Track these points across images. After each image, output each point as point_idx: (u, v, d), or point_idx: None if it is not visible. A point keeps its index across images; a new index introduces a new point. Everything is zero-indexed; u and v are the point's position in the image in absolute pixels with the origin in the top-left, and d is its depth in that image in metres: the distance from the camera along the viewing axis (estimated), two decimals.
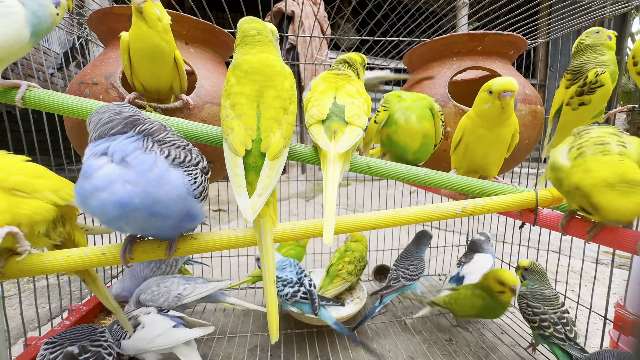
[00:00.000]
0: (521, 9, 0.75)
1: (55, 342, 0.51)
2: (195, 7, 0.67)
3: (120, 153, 0.31)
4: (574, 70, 0.55)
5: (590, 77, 0.53)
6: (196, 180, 0.35)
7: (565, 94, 0.57)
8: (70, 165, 0.90)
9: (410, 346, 0.77)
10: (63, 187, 0.41)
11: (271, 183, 0.37)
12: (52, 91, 0.46)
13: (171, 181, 0.32)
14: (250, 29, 0.43)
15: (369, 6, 0.75)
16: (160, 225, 0.34)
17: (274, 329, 0.37)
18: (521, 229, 0.62)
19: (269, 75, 0.41)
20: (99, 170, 0.31)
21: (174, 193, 0.32)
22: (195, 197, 0.35)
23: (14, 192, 0.36)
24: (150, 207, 0.31)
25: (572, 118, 0.57)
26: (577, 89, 0.54)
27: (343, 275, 0.84)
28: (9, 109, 0.65)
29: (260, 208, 0.35)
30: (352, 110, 0.45)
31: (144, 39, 0.47)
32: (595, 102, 0.54)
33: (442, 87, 0.65)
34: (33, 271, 0.38)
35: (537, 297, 0.64)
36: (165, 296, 0.69)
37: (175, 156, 0.34)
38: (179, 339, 0.58)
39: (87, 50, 0.94)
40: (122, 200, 0.30)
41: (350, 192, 2.13)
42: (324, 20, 2.20)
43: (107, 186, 0.30)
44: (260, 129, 0.38)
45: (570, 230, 0.46)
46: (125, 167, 0.31)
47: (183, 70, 0.52)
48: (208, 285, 0.71)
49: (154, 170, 0.31)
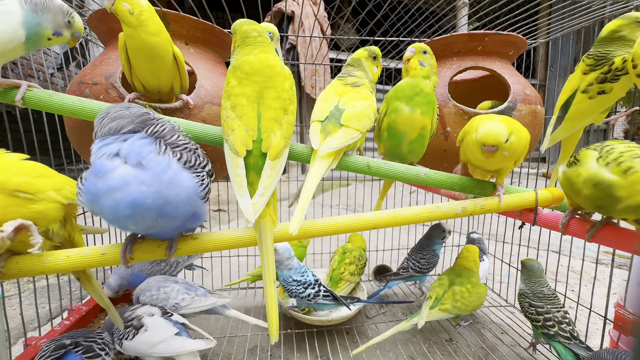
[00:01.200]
0: (521, 9, 0.75)
1: (56, 340, 0.53)
2: (195, 7, 0.67)
3: (137, 156, 0.32)
4: (598, 56, 0.50)
5: (617, 64, 0.48)
6: (203, 183, 0.36)
7: (581, 80, 0.52)
8: (70, 165, 0.90)
9: (410, 346, 0.77)
10: (65, 186, 0.41)
11: (272, 183, 0.37)
12: (52, 91, 0.46)
13: (182, 183, 0.33)
14: (251, 30, 0.44)
15: (369, 6, 0.75)
16: (166, 226, 0.35)
17: (273, 330, 0.38)
18: (521, 229, 0.62)
19: (269, 76, 0.41)
20: (114, 171, 0.31)
21: (184, 194, 0.33)
22: (201, 199, 0.36)
23: (17, 193, 0.36)
24: (161, 208, 0.32)
25: (586, 107, 0.53)
26: (600, 75, 0.50)
27: (347, 277, 0.84)
28: (9, 109, 0.65)
29: (262, 208, 0.36)
30: (351, 113, 0.47)
31: (132, 38, 0.46)
32: (617, 91, 0.50)
33: (442, 87, 0.65)
34: (33, 271, 0.38)
35: (538, 295, 0.64)
36: (162, 303, 0.69)
37: (186, 159, 0.35)
38: (179, 350, 0.59)
39: (87, 50, 0.94)
40: (137, 200, 0.30)
41: (350, 192, 2.13)
42: (324, 20, 2.20)
43: (123, 187, 0.30)
44: (261, 130, 0.39)
45: (570, 230, 0.46)
46: (141, 169, 0.31)
47: (184, 67, 0.52)
48: (207, 300, 0.71)
49: (168, 172, 0.32)
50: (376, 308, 0.95)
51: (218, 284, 1.05)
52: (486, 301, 0.95)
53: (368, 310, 0.93)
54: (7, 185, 0.35)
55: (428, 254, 0.89)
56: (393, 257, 1.21)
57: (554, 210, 0.52)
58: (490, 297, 0.98)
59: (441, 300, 0.71)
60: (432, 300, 0.72)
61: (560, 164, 0.50)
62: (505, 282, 1.03)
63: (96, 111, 0.45)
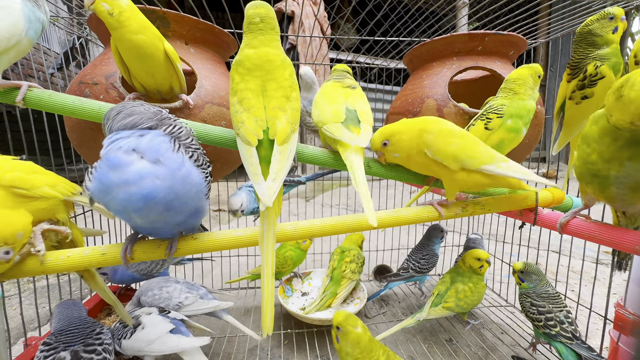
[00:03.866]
0: (521, 9, 0.75)
1: (50, 344, 0.51)
2: (195, 7, 0.67)
3: (155, 153, 0.33)
4: (573, 65, 0.55)
5: (590, 70, 0.52)
6: (207, 180, 0.38)
7: (567, 88, 0.57)
8: (70, 165, 0.90)
9: (410, 346, 0.77)
10: (59, 183, 0.42)
11: (283, 168, 0.38)
12: (52, 91, 0.46)
13: (193, 180, 0.35)
14: (254, 15, 0.43)
15: (369, 6, 0.75)
16: (169, 220, 0.36)
17: (267, 323, 0.36)
18: (521, 229, 0.62)
19: (269, 70, 0.42)
20: (131, 165, 0.32)
21: (193, 190, 0.35)
22: (205, 195, 0.38)
23: (12, 189, 0.36)
24: (171, 202, 0.33)
25: (576, 112, 0.57)
26: (578, 82, 0.54)
27: (348, 276, 0.85)
28: (9, 109, 0.65)
29: (277, 192, 0.36)
30: (363, 112, 0.49)
31: (117, 40, 0.46)
32: (599, 94, 0.53)
33: (442, 87, 0.65)
34: (34, 271, 0.38)
35: (542, 295, 0.64)
36: (166, 302, 0.69)
37: (196, 158, 0.37)
38: (173, 348, 0.58)
39: (87, 50, 0.94)
40: (150, 194, 0.32)
41: (350, 192, 2.13)
42: (324, 20, 2.20)
43: (138, 181, 0.31)
44: (267, 119, 0.40)
45: (570, 230, 0.46)
46: (158, 165, 0.33)
47: (177, 66, 0.51)
48: (210, 303, 0.71)
49: (182, 169, 0.34)
50: (376, 308, 0.95)
51: (218, 284, 1.06)
52: (486, 301, 0.95)
53: (368, 310, 0.93)
54: (2, 181, 0.36)
55: (427, 254, 0.90)
56: (393, 257, 1.21)
57: (554, 210, 0.52)
58: (490, 297, 0.98)
59: (444, 298, 0.72)
60: (434, 297, 0.74)
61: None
62: (505, 282, 1.03)
63: (96, 111, 0.45)
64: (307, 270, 1.00)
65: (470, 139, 0.44)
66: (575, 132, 0.60)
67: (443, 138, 0.44)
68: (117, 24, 0.44)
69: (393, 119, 0.69)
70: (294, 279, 0.96)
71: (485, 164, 0.42)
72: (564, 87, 0.58)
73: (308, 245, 0.92)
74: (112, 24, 0.44)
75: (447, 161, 0.43)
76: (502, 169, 0.42)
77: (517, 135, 0.53)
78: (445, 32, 0.91)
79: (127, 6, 0.44)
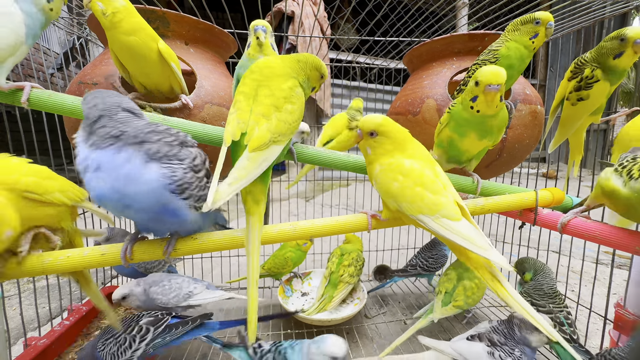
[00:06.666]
0: (521, 9, 0.75)
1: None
2: (195, 7, 0.67)
3: (95, 162, 0.34)
4: (577, 65, 0.56)
5: (586, 73, 0.54)
6: (174, 176, 0.34)
7: (566, 87, 0.58)
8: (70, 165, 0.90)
9: (411, 346, 0.77)
10: (69, 188, 0.42)
11: (247, 175, 0.36)
12: (52, 91, 0.46)
13: (142, 176, 0.33)
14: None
15: (369, 6, 0.75)
16: (142, 217, 0.36)
17: (252, 329, 0.39)
18: (521, 229, 0.62)
19: (267, 76, 0.42)
20: (85, 176, 0.34)
21: (145, 188, 0.33)
22: (174, 193, 0.34)
23: (27, 194, 0.36)
24: (120, 200, 0.33)
25: (571, 113, 0.58)
26: (575, 84, 0.56)
27: (346, 280, 0.84)
28: (8, 109, 0.65)
29: (226, 198, 0.33)
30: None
31: (111, 40, 0.46)
32: (594, 97, 0.54)
33: (442, 87, 0.65)
34: (33, 271, 0.38)
35: (546, 292, 0.64)
36: (176, 292, 0.70)
37: (156, 150, 0.34)
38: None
39: (87, 50, 0.94)
40: (97, 196, 0.34)
41: (350, 192, 2.13)
42: (324, 20, 2.20)
43: (92, 186, 0.34)
44: (249, 123, 0.39)
45: (570, 230, 0.46)
46: (98, 171, 0.33)
47: (173, 66, 0.50)
48: (216, 292, 0.74)
49: (123, 169, 0.33)
50: (376, 308, 0.95)
51: (218, 284, 1.05)
52: (486, 301, 0.95)
53: (368, 310, 0.93)
54: (18, 185, 0.36)
55: (437, 253, 0.90)
56: (393, 257, 1.21)
57: (554, 210, 0.52)
58: (490, 297, 0.98)
59: (453, 296, 0.72)
60: (442, 295, 0.73)
61: (607, 172, 0.43)
62: None
63: None
64: (307, 271, 1.00)
65: (418, 180, 0.39)
66: (569, 132, 0.61)
67: (386, 174, 0.41)
68: (110, 25, 0.44)
69: (393, 119, 0.68)
70: (293, 279, 0.96)
71: (425, 214, 0.38)
72: (564, 85, 0.58)
73: (309, 247, 0.92)
74: (105, 24, 0.44)
75: (387, 199, 0.41)
76: (440, 226, 0.37)
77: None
78: (445, 32, 0.91)
79: (121, 7, 0.44)
